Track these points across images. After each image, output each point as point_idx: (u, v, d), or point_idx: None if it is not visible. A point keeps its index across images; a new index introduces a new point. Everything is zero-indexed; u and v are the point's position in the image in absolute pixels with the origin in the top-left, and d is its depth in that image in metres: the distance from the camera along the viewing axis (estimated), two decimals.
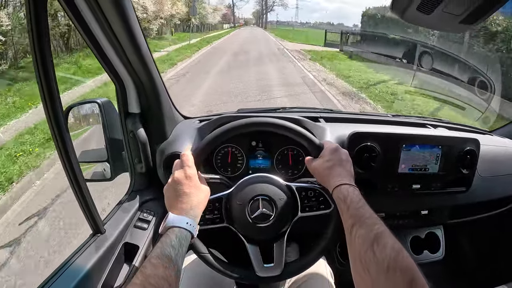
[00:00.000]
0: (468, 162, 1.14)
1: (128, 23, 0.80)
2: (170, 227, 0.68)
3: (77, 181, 0.75)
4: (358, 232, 0.62)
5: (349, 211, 0.68)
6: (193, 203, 0.73)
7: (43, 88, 0.64)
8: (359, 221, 0.64)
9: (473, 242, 1.60)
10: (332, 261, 1.33)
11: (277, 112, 1.32)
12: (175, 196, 0.74)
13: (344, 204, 0.70)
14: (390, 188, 1.10)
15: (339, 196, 0.72)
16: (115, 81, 0.95)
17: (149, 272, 0.57)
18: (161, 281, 0.56)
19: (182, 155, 0.79)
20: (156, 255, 0.61)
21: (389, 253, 0.55)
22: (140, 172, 1.06)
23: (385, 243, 0.57)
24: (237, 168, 1.09)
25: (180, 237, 0.66)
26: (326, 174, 0.79)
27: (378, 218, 0.64)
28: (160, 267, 0.58)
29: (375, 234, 0.60)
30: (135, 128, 0.99)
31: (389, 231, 0.61)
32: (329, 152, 0.82)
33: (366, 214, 0.65)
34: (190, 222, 0.69)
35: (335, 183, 0.75)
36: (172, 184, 0.75)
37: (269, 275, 0.80)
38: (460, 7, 0.55)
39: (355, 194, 0.71)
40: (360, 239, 0.61)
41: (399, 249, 0.56)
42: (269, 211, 0.81)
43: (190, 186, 0.74)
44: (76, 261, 0.78)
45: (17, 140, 4.18)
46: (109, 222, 0.92)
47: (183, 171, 0.76)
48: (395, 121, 1.34)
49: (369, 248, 0.58)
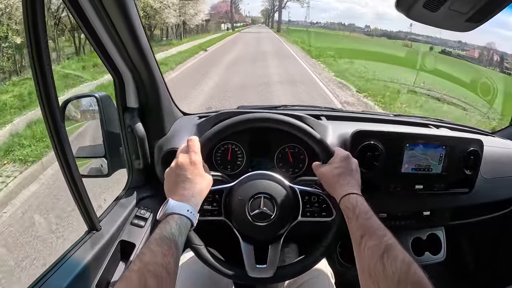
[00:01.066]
0: (472, 163, 1.13)
1: (129, 17, 0.80)
2: (170, 213, 0.64)
3: (73, 177, 0.74)
4: (368, 243, 0.61)
5: (358, 222, 0.66)
6: (195, 190, 0.70)
7: (38, 81, 0.63)
8: (369, 232, 0.62)
9: (475, 244, 1.58)
10: (333, 261, 1.32)
11: (279, 110, 1.30)
12: (176, 182, 0.71)
13: (352, 214, 0.68)
14: (393, 188, 1.08)
15: (347, 206, 0.70)
16: (114, 75, 0.94)
17: (147, 259, 0.55)
18: (160, 268, 0.54)
19: (189, 140, 0.76)
20: (156, 242, 0.58)
21: (400, 266, 0.54)
22: (137, 168, 1.04)
23: (395, 255, 0.56)
24: (237, 166, 1.07)
25: (180, 224, 0.63)
26: (334, 181, 0.77)
27: (387, 230, 0.63)
28: (159, 254, 0.56)
29: (385, 246, 0.58)
30: (133, 123, 0.98)
31: (398, 242, 0.59)
32: (340, 159, 0.80)
33: (375, 225, 0.64)
34: (191, 210, 0.66)
35: (343, 192, 0.73)
36: (175, 168, 0.72)
37: (260, 276, 0.78)
38: (466, 5, 0.54)
39: (364, 205, 0.69)
40: (370, 251, 0.59)
41: (409, 262, 0.55)
42: (270, 211, 0.79)
43: (194, 173, 0.71)
44: (70, 258, 0.77)
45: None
46: (105, 219, 0.91)
47: (188, 156, 0.73)
48: (397, 121, 1.32)
49: (379, 261, 0.56)
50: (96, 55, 0.87)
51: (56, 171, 3.42)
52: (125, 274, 0.53)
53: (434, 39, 21.42)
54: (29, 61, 0.63)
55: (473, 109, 5.23)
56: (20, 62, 7.08)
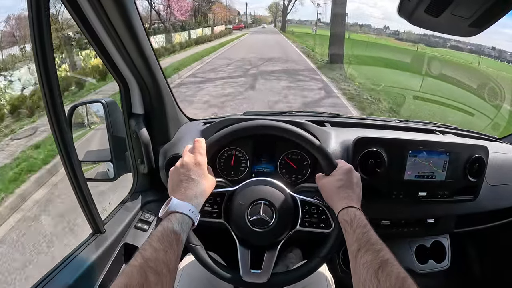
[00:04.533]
0: (476, 170, 1.11)
1: (132, 24, 0.81)
2: (172, 211, 0.65)
3: (77, 180, 0.75)
4: (364, 258, 0.61)
5: (355, 235, 0.66)
6: (198, 191, 0.71)
7: (44, 87, 0.64)
8: (365, 247, 0.62)
9: (480, 252, 1.56)
10: (334, 267, 1.31)
11: (283, 116, 1.30)
12: (180, 181, 0.71)
13: (350, 227, 0.68)
14: (396, 195, 1.07)
15: (345, 219, 0.70)
16: (119, 81, 0.96)
17: (149, 255, 0.55)
18: (161, 265, 0.55)
19: (196, 141, 0.77)
20: (157, 238, 0.59)
21: (394, 282, 0.54)
22: (142, 173, 1.06)
23: (390, 271, 0.56)
24: (240, 172, 1.08)
25: (182, 223, 0.64)
26: (334, 193, 0.77)
27: (383, 245, 0.63)
28: (161, 251, 0.57)
29: (380, 261, 0.58)
30: (138, 129, 0.99)
31: (395, 258, 0.59)
32: (342, 172, 0.80)
33: (372, 240, 0.64)
34: (192, 210, 0.67)
35: (342, 205, 0.73)
36: (180, 168, 0.73)
37: (254, 281, 0.79)
38: (469, 10, 0.54)
39: (361, 219, 0.69)
40: (365, 265, 0.59)
41: (404, 278, 0.54)
42: (268, 218, 0.80)
43: (198, 174, 0.72)
44: (75, 259, 0.78)
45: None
46: (110, 222, 0.92)
47: (193, 157, 0.74)
48: (402, 127, 1.31)
49: (374, 276, 0.56)
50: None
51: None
52: (126, 269, 0.54)
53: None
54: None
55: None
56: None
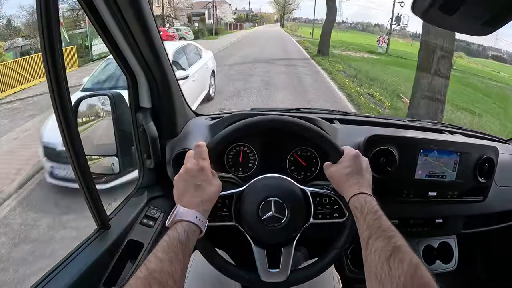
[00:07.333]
0: (486, 171, 1.10)
1: (143, 18, 0.80)
2: (178, 220, 0.64)
3: (84, 175, 0.74)
4: (375, 245, 0.59)
5: (365, 222, 0.65)
6: (204, 197, 0.69)
7: (51, 79, 0.63)
8: (376, 233, 0.61)
9: (487, 253, 1.55)
10: (342, 267, 1.30)
11: (292, 112, 1.29)
12: (185, 188, 0.70)
13: (360, 214, 0.67)
14: (406, 194, 1.06)
15: (355, 206, 0.69)
16: (127, 74, 0.94)
17: (153, 266, 0.54)
18: (166, 276, 0.54)
19: (197, 146, 0.75)
20: (162, 249, 0.58)
21: (406, 268, 0.53)
22: (148, 168, 1.04)
23: (402, 258, 0.54)
24: (249, 168, 1.06)
25: (189, 231, 0.63)
26: (343, 181, 0.76)
27: (396, 231, 0.61)
28: (166, 262, 0.56)
29: (392, 247, 0.57)
30: (145, 123, 0.98)
31: (407, 244, 0.58)
32: (349, 158, 0.78)
33: (384, 226, 0.62)
34: (199, 217, 0.66)
35: (352, 192, 0.72)
36: (184, 175, 0.71)
37: (274, 281, 0.77)
38: (483, 9, 0.53)
39: (372, 205, 0.68)
40: (376, 252, 0.58)
41: (416, 264, 0.53)
42: (281, 214, 0.78)
43: (203, 179, 0.71)
44: (79, 256, 0.77)
45: None
46: (115, 218, 0.91)
47: (196, 163, 0.72)
48: (411, 126, 1.30)
49: (385, 263, 0.55)
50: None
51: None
52: (130, 281, 0.53)
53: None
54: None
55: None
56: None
